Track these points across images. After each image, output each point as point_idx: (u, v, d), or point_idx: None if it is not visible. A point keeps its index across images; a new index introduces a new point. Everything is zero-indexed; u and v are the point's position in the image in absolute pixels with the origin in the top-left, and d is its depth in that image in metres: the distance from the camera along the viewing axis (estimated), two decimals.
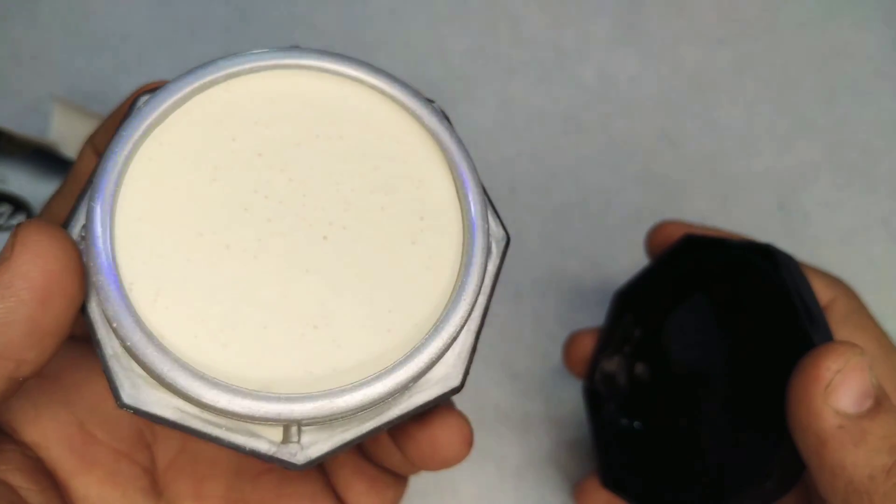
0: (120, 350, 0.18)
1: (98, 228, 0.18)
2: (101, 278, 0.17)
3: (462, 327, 0.19)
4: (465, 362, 0.20)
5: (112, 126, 0.20)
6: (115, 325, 0.17)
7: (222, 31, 0.44)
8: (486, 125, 0.42)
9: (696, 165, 0.42)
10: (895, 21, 0.47)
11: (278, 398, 0.17)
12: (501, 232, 0.21)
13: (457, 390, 0.19)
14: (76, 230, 0.19)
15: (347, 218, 0.19)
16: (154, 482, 0.22)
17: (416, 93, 0.21)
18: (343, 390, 0.18)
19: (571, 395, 0.35)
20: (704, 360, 0.28)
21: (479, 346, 0.21)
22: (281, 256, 0.19)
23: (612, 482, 0.29)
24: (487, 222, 0.20)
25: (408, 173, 0.20)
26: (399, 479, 0.25)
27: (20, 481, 0.19)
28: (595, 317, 0.35)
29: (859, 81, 0.45)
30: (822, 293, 0.26)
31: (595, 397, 0.31)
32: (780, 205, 0.42)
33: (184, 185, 0.19)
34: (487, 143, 0.42)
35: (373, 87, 0.21)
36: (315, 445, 0.19)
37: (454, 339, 0.19)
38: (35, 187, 0.33)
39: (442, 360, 0.19)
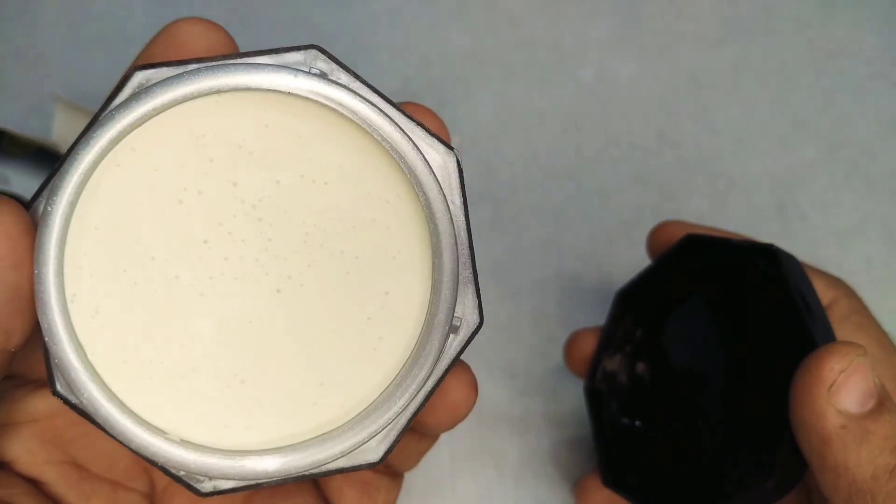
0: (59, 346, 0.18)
1: (49, 233, 0.17)
2: (44, 288, 0.17)
3: (389, 424, 0.18)
4: (392, 441, 0.19)
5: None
6: (46, 337, 0.17)
7: None
8: (486, 125, 0.43)
9: (694, 165, 0.42)
10: (894, 21, 0.47)
11: (185, 445, 0.17)
12: (476, 318, 0.19)
13: (373, 465, 0.19)
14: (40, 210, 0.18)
15: (308, 276, 0.18)
16: None
17: (432, 141, 0.18)
18: (245, 455, 0.18)
19: (571, 395, 0.35)
20: (706, 360, 0.28)
21: (478, 345, 0.21)
22: (228, 301, 0.18)
23: (612, 480, 0.29)
24: (451, 320, 0.18)
25: (386, 242, 0.18)
26: (393, 481, 0.25)
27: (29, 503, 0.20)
28: (595, 317, 0.35)
29: (857, 82, 0.45)
30: (824, 293, 0.27)
31: (596, 396, 0.31)
32: (778, 205, 0.42)
33: (147, 201, 0.18)
34: (487, 143, 0.42)
35: (377, 133, 0.18)
36: (226, 483, 0.18)
37: (377, 434, 0.18)
38: (37, 187, 0.33)
39: (371, 444, 0.19)
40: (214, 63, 0.18)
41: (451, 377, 0.20)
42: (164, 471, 0.18)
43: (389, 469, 0.25)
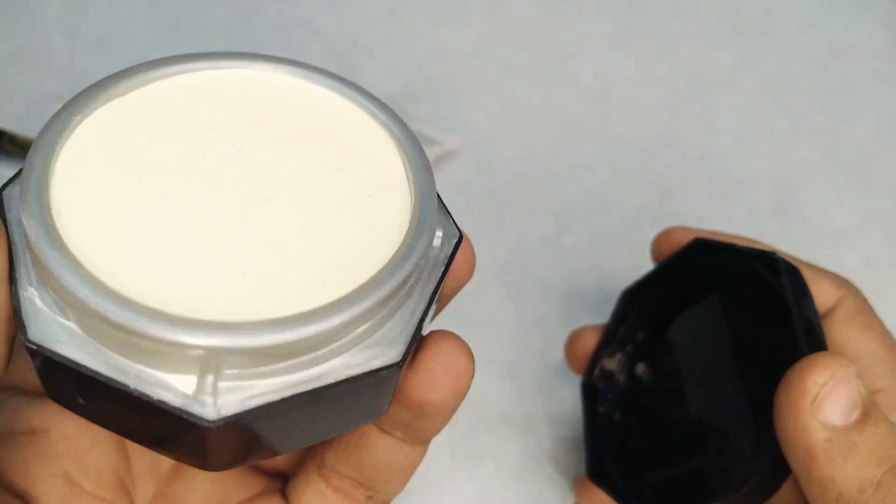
0: (36, 288, 0.17)
1: (37, 158, 0.18)
2: (30, 199, 0.17)
3: (404, 291, 0.19)
4: (409, 338, 0.19)
5: None
6: (32, 239, 0.17)
7: (222, 32, 0.44)
8: (486, 125, 0.43)
9: (694, 166, 0.42)
10: (893, 22, 0.47)
11: (194, 325, 0.16)
12: (454, 229, 0.21)
13: (397, 365, 0.18)
14: (14, 194, 0.18)
15: (293, 186, 0.20)
16: None
17: (369, 94, 0.22)
18: (265, 325, 0.17)
19: (570, 395, 0.35)
20: (703, 364, 0.28)
21: (478, 345, 0.21)
22: (219, 209, 0.19)
23: (596, 475, 0.30)
24: (438, 199, 0.20)
25: (358, 156, 0.21)
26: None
27: None
28: (594, 317, 0.35)
29: (857, 82, 0.45)
30: (830, 293, 0.26)
31: (592, 392, 0.31)
32: (778, 205, 0.42)
33: (131, 141, 0.19)
34: (487, 143, 0.42)
35: (328, 86, 0.22)
36: (231, 404, 0.17)
37: (393, 300, 0.18)
38: None
39: (383, 333, 0.18)
40: (182, 56, 0.21)
41: (438, 354, 0.20)
42: (162, 405, 0.17)
43: (372, 500, 0.23)
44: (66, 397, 0.18)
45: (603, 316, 0.32)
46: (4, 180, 0.19)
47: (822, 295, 0.26)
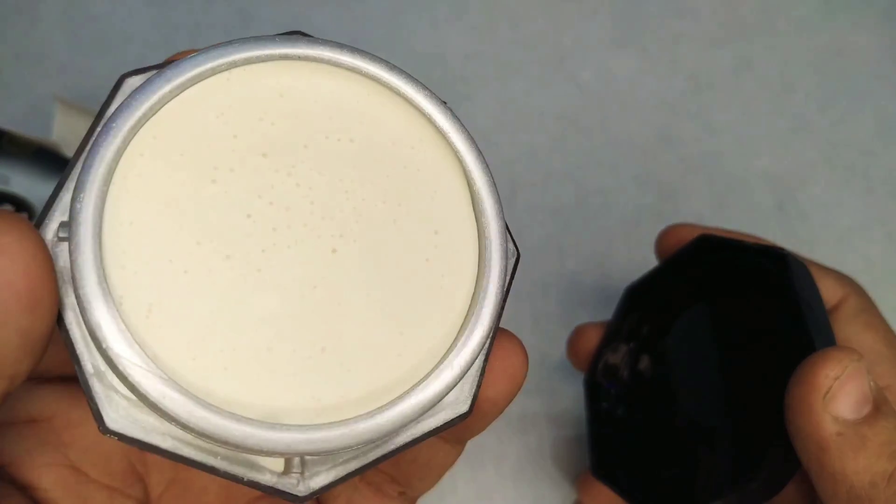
0: (103, 367, 0.16)
1: (85, 232, 0.16)
2: (89, 290, 0.15)
3: (479, 354, 0.18)
4: (475, 387, 0.18)
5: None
6: (103, 344, 0.15)
7: (223, 32, 0.44)
8: (486, 125, 0.43)
9: (694, 166, 0.42)
10: (893, 22, 0.47)
11: (285, 428, 0.16)
12: (512, 247, 0.19)
13: (465, 416, 0.18)
14: (51, 228, 0.16)
15: (358, 230, 0.18)
16: None
17: (431, 93, 0.20)
18: (355, 420, 0.16)
19: (570, 395, 0.35)
20: (708, 361, 0.28)
21: None
22: (287, 270, 0.17)
23: (601, 471, 0.29)
24: (506, 239, 0.19)
25: (421, 183, 0.18)
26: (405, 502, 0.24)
27: None
28: (594, 316, 0.35)
29: (857, 82, 0.45)
30: (834, 291, 0.27)
31: (595, 389, 0.31)
32: (778, 205, 0.42)
33: (180, 186, 0.17)
34: (487, 143, 0.42)
35: (387, 84, 0.19)
36: (318, 476, 0.17)
37: (469, 366, 0.18)
38: (37, 188, 0.33)
39: (452, 392, 0.18)
40: (216, 45, 0.18)
41: (497, 349, 0.20)
42: (253, 484, 0.17)
43: (404, 496, 0.23)
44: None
45: (602, 315, 0.32)
46: (4, 180, 0.18)
47: (826, 293, 0.27)
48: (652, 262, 0.31)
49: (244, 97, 0.18)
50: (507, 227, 0.19)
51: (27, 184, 0.33)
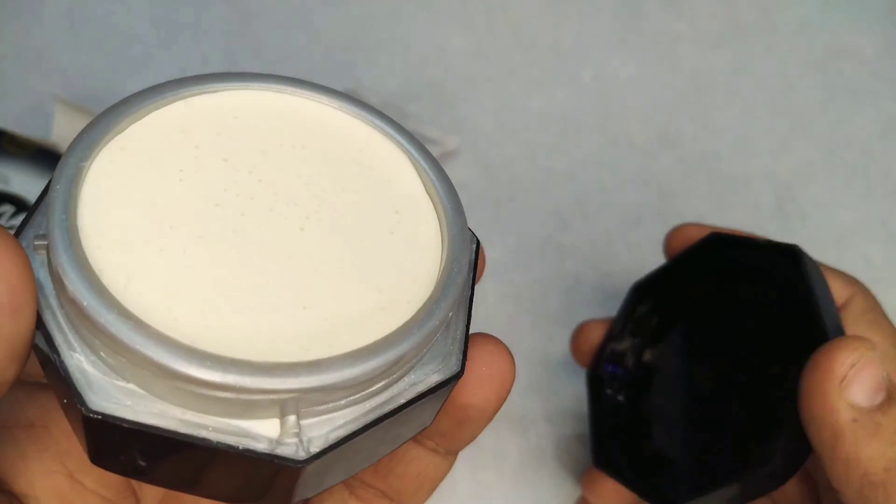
0: (81, 353, 0.16)
1: (60, 215, 0.17)
2: (64, 260, 0.16)
3: (456, 306, 0.19)
4: (462, 347, 0.19)
5: None
6: (84, 304, 0.16)
7: (223, 32, 0.44)
8: (486, 126, 0.43)
9: (694, 166, 0.42)
10: (892, 22, 0.47)
11: (278, 368, 0.16)
12: (471, 234, 0.21)
13: (458, 376, 0.19)
14: (28, 240, 0.17)
15: (322, 212, 0.19)
16: None
17: (367, 105, 0.22)
18: (345, 359, 0.17)
19: (570, 394, 0.35)
20: (719, 352, 0.28)
21: None
22: (259, 245, 0.18)
23: (604, 462, 0.30)
24: (462, 208, 0.20)
25: (374, 174, 0.21)
26: None
27: None
28: (594, 316, 0.35)
29: (857, 82, 0.45)
30: (840, 291, 0.27)
31: (598, 383, 0.31)
32: (778, 205, 0.42)
33: (149, 184, 0.18)
34: (487, 143, 0.42)
35: (328, 104, 0.21)
36: (317, 440, 0.17)
37: (449, 316, 0.19)
38: (37, 188, 0.33)
39: (438, 347, 0.19)
40: (176, 80, 0.20)
41: (482, 355, 0.20)
42: (249, 453, 0.16)
43: None
44: (123, 462, 0.17)
45: (602, 315, 0.32)
46: (4, 180, 0.18)
47: (833, 293, 0.27)
48: (652, 262, 0.31)
49: (202, 118, 0.20)
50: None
51: (27, 184, 0.33)
